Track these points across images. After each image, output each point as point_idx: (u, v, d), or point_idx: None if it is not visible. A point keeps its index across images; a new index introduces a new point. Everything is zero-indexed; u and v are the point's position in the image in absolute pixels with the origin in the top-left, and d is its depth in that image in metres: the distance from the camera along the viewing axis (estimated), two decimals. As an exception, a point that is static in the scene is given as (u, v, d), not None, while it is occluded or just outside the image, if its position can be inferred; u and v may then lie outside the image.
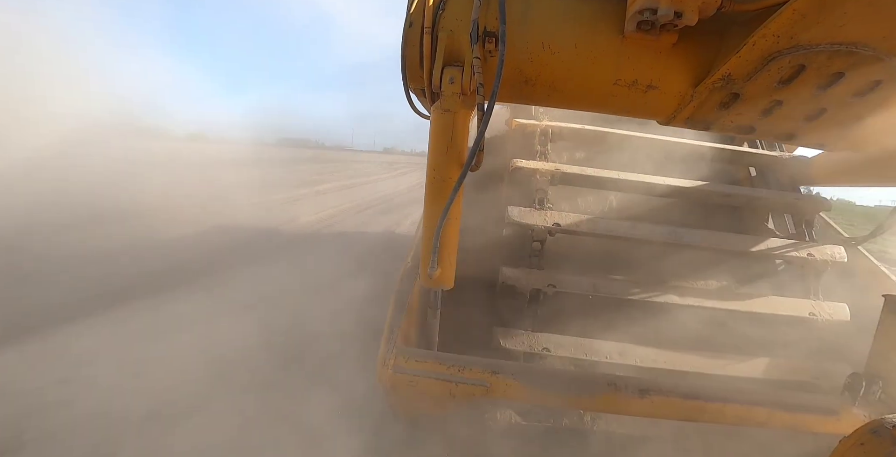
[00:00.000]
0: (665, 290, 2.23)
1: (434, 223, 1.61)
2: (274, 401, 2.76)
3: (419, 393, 1.86)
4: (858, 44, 1.20)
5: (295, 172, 17.93)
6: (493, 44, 1.40)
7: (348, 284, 4.80)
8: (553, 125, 2.69)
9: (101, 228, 6.59)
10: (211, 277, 4.96)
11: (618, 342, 2.11)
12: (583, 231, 2.24)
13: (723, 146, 2.83)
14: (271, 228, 7.77)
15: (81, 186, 9.38)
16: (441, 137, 1.54)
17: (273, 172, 16.21)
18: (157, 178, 11.51)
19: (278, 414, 2.64)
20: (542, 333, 2.11)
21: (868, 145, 1.73)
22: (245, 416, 2.61)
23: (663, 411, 1.81)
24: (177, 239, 6.48)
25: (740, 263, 2.47)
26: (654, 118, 1.61)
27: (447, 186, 1.58)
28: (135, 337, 3.45)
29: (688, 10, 1.23)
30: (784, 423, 1.81)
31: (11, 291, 4.20)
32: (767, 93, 1.39)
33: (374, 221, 9.40)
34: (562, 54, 1.44)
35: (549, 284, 2.15)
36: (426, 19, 1.43)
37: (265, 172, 15.85)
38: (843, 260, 2.29)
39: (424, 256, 1.74)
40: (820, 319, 2.17)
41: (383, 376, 1.83)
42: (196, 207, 8.68)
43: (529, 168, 2.39)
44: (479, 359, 1.88)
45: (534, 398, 1.83)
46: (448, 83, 1.46)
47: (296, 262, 5.69)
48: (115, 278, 4.67)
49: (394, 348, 1.84)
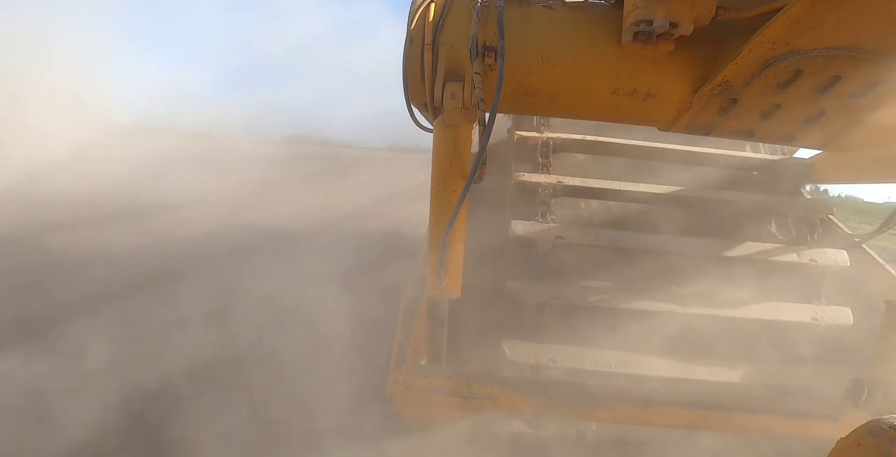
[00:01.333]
0: (668, 298, 2.23)
1: (440, 235, 1.63)
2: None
3: (428, 407, 1.87)
4: (854, 47, 1.22)
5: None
6: (492, 58, 1.42)
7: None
8: (554, 137, 2.71)
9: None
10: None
11: (622, 352, 2.10)
12: (586, 243, 2.25)
13: (724, 152, 2.83)
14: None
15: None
16: (444, 151, 1.56)
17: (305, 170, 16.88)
18: (212, 177, 11.97)
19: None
20: (547, 345, 2.10)
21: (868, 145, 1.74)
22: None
23: (667, 420, 1.82)
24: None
25: (743, 270, 2.47)
26: (655, 125, 1.62)
27: (452, 198, 1.59)
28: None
29: (683, 20, 1.25)
30: (788, 429, 1.81)
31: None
32: (766, 97, 1.40)
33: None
34: (561, 66, 1.46)
35: (553, 296, 2.15)
36: (426, 36, 1.46)
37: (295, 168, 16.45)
38: (846, 264, 2.28)
39: (431, 266, 1.75)
40: (822, 323, 2.16)
41: (394, 391, 1.84)
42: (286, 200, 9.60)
43: (532, 182, 2.40)
44: (486, 373, 1.89)
45: (540, 410, 1.85)
46: (449, 98, 1.48)
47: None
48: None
49: (403, 365, 1.85)
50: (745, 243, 2.32)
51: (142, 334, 3.75)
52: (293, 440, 2.65)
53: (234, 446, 2.57)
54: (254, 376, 3.26)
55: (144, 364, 3.31)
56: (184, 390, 3.05)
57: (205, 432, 2.63)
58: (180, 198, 9.05)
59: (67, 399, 2.80)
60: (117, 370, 3.19)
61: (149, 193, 9.24)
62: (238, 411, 2.82)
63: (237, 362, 3.42)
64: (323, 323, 3.82)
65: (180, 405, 2.87)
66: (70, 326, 3.77)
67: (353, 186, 14.42)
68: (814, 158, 2.81)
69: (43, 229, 6.44)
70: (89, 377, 3.03)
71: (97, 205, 8.12)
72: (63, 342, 3.48)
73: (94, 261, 5.35)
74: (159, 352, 3.47)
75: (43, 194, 8.31)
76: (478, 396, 1.83)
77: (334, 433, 2.62)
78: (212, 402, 2.90)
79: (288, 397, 3.01)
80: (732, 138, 1.66)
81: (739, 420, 1.79)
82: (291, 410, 2.86)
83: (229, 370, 3.31)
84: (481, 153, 1.47)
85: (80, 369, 3.11)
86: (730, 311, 2.19)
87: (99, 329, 3.75)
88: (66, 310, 4.05)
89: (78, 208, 7.79)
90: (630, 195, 2.45)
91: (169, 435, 2.63)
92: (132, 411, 2.84)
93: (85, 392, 2.88)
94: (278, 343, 3.63)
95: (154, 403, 2.93)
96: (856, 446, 0.86)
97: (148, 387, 3.08)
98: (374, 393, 2.52)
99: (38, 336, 3.58)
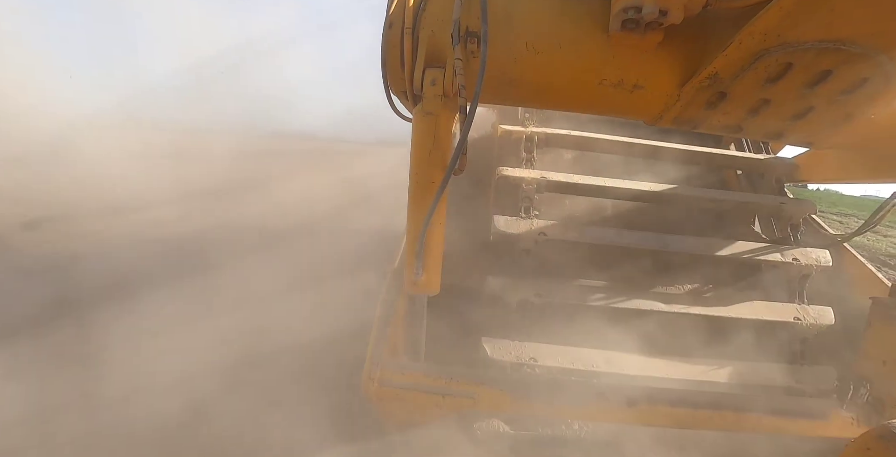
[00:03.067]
0: (651, 297, 2.22)
1: (418, 228, 1.57)
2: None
3: (406, 405, 1.82)
4: (846, 41, 1.19)
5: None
6: (475, 44, 1.37)
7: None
8: (539, 131, 2.67)
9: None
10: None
11: (604, 350, 2.08)
12: (569, 240, 2.22)
13: (709, 150, 2.83)
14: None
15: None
16: (423, 140, 1.50)
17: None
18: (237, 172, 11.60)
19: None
20: (528, 343, 2.07)
21: (855, 143, 1.72)
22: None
23: (652, 419, 1.80)
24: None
25: (726, 269, 2.47)
26: (641, 118, 1.58)
27: (430, 189, 1.54)
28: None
29: (673, 8, 1.21)
30: (773, 427, 1.81)
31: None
32: (755, 91, 1.37)
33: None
34: (546, 54, 1.41)
35: (535, 293, 2.12)
36: (406, 20, 1.40)
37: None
38: (828, 264, 2.30)
39: (409, 261, 1.70)
40: (805, 323, 2.17)
41: (369, 389, 1.79)
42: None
43: (515, 176, 2.36)
44: (466, 370, 1.85)
45: (521, 409, 1.81)
46: (430, 85, 1.43)
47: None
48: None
49: (380, 361, 1.80)
50: (729, 242, 2.31)
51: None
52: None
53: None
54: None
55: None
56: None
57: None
58: (158, 195, 8.63)
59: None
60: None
61: (121, 191, 8.75)
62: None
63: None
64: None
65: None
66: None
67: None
68: (798, 157, 2.82)
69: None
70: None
71: (52, 203, 7.61)
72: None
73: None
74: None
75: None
76: (457, 393, 1.79)
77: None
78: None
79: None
80: (720, 133, 1.63)
81: (726, 419, 1.78)
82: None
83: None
84: (462, 143, 1.41)
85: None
86: (713, 310, 2.18)
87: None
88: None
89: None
90: (615, 192, 2.42)
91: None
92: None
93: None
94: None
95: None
96: (865, 449, 0.87)
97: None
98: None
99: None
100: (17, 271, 5.03)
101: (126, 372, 3.06)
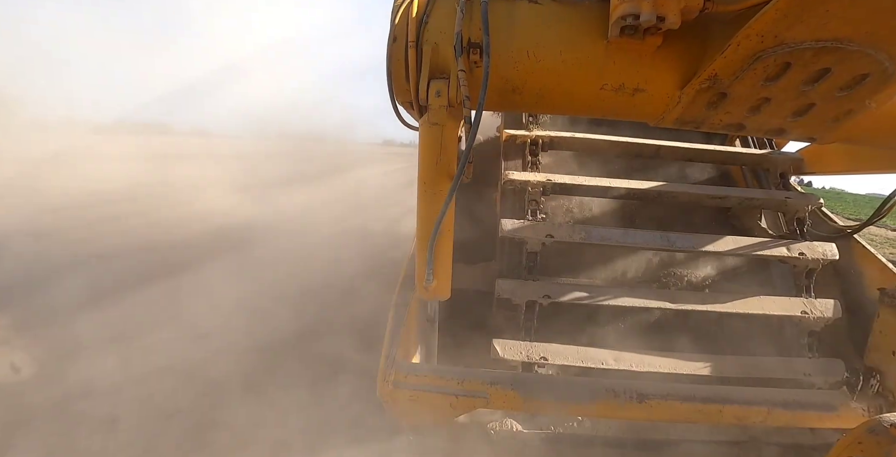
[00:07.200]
0: (659, 295, 2.23)
1: (427, 235, 1.60)
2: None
3: (420, 406, 1.85)
4: (843, 40, 1.20)
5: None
6: (477, 55, 1.40)
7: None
8: (543, 135, 2.69)
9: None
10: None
11: (614, 349, 2.10)
12: (576, 241, 2.24)
13: (714, 147, 2.83)
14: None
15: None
16: (430, 150, 1.53)
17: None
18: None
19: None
20: (538, 343, 2.10)
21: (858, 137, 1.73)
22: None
23: (662, 415, 1.81)
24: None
25: (733, 265, 2.47)
26: (644, 120, 1.60)
27: (439, 197, 1.57)
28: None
29: (670, 14, 1.23)
30: (783, 420, 1.81)
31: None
32: (754, 91, 1.38)
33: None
34: (547, 62, 1.43)
35: (544, 295, 2.14)
36: (410, 33, 1.43)
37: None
38: (835, 257, 2.29)
39: (420, 268, 1.73)
40: (812, 317, 2.17)
41: (384, 391, 1.82)
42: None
43: (521, 180, 2.38)
44: (478, 371, 1.87)
45: (533, 407, 1.84)
46: (435, 96, 1.45)
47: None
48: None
49: (394, 363, 1.83)
50: (736, 238, 2.32)
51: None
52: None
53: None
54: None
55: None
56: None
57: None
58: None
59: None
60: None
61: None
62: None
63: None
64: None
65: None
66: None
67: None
68: (802, 150, 2.81)
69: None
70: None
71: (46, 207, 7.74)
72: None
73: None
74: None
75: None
76: (470, 393, 1.82)
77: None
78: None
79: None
80: (722, 132, 1.65)
81: (735, 413, 1.79)
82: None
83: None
84: (468, 152, 1.44)
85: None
86: (720, 306, 2.19)
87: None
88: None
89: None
90: (620, 192, 2.44)
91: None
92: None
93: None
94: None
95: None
96: (857, 443, 0.87)
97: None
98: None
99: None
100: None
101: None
